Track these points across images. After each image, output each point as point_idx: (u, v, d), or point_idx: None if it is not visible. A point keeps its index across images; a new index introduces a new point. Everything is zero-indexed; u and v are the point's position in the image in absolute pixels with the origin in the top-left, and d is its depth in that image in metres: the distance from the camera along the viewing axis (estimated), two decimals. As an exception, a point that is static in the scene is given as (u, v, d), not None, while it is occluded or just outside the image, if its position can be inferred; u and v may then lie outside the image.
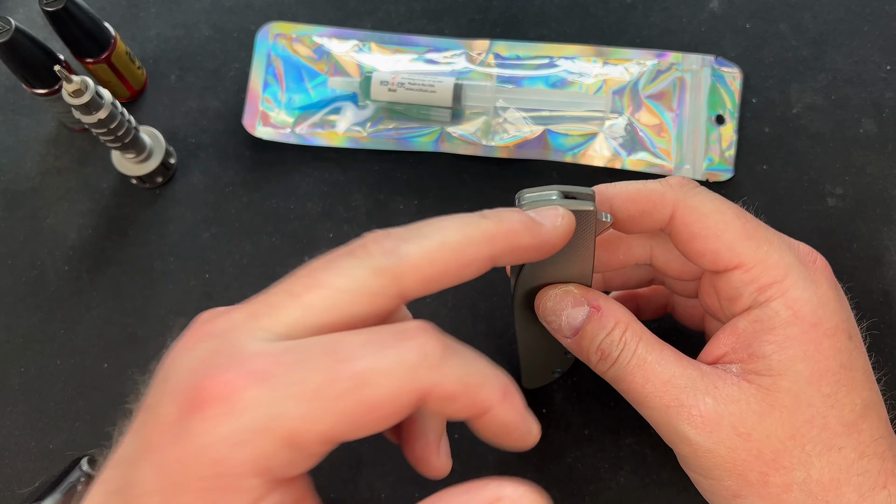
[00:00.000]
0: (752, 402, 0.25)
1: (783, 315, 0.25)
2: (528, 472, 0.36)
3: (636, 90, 0.41)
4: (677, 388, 0.25)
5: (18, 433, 0.37)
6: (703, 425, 0.25)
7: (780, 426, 0.24)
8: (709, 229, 0.26)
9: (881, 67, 0.42)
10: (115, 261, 0.40)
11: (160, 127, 0.42)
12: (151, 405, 0.20)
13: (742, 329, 0.26)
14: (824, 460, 0.24)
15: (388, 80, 0.40)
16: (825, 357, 0.25)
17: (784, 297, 0.25)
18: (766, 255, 0.25)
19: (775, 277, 0.25)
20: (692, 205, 0.26)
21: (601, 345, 0.26)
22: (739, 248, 0.25)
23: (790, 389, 0.24)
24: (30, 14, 0.45)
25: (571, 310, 0.27)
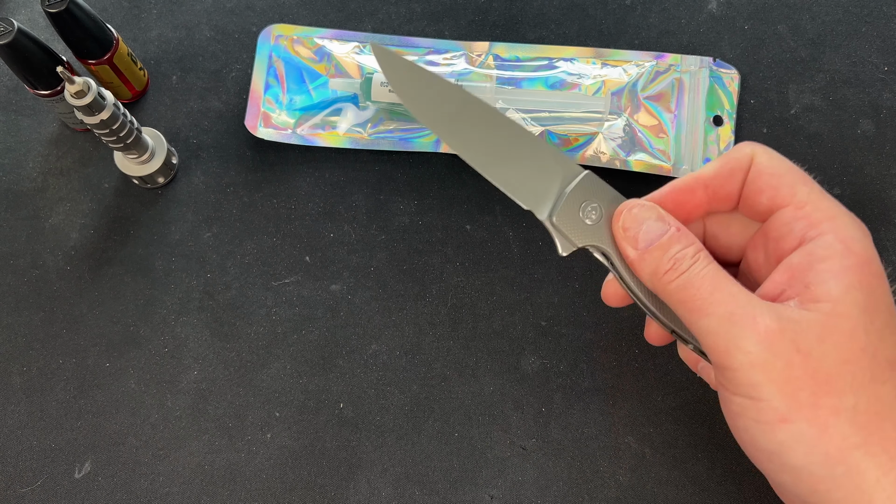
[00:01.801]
0: (812, 324, 0.25)
1: (837, 247, 0.26)
2: (528, 471, 0.36)
3: (635, 91, 0.41)
4: (744, 300, 0.26)
5: (20, 432, 0.37)
6: (766, 335, 0.25)
7: (836, 350, 0.25)
8: (774, 168, 0.28)
9: (879, 68, 0.43)
10: (117, 261, 0.40)
11: (162, 127, 0.42)
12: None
13: (797, 263, 0.27)
14: (871, 391, 0.25)
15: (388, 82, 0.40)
16: (874, 290, 0.26)
17: (836, 233, 0.26)
18: (818, 197, 0.27)
19: (827, 215, 0.27)
20: (760, 150, 0.29)
21: (677, 255, 0.27)
22: (797, 187, 0.27)
23: (848, 315, 0.25)
24: (32, 15, 0.45)
25: (654, 222, 0.28)
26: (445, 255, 0.40)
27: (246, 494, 0.36)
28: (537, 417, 0.37)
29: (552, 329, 0.39)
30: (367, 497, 0.36)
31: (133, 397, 0.38)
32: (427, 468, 0.37)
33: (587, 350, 0.38)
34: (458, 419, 0.37)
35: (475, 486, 0.36)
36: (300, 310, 0.39)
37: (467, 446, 0.37)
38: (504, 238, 0.40)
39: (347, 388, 0.38)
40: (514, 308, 0.39)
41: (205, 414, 0.38)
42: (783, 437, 0.25)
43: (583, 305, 0.39)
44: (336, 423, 0.37)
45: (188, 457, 0.37)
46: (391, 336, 0.39)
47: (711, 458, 0.36)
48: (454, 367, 0.38)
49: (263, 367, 0.38)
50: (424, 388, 0.38)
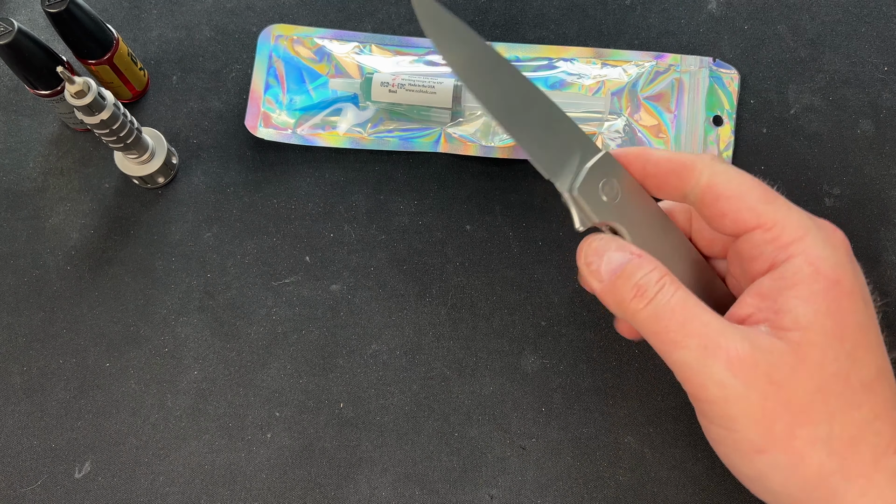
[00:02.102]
0: (784, 354, 0.25)
1: (806, 271, 0.25)
2: (528, 471, 0.36)
3: (635, 91, 0.41)
4: (716, 331, 0.25)
5: (20, 432, 0.37)
6: (740, 367, 0.25)
7: (809, 379, 0.25)
8: (732, 191, 0.27)
9: (878, 68, 0.43)
10: (117, 261, 0.40)
11: (162, 128, 0.42)
12: None
13: (766, 287, 0.26)
14: (846, 417, 0.25)
15: (388, 82, 0.40)
16: (846, 314, 0.25)
17: (805, 254, 0.26)
18: (785, 216, 0.26)
19: (795, 236, 0.26)
20: (719, 170, 0.27)
21: (639, 281, 0.27)
22: (760, 209, 0.26)
23: (818, 343, 0.25)
24: (32, 15, 0.45)
25: (613, 252, 0.28)
26: (445, 255, 0.40)
27: (246, 494, 0.36)
28: (537, 417, 0.37)
29: (552, 329, 0.39)
30: (367, 497, 0.36)
31: (133, 397, 0.38)
32: (427, 468, 0.37)
33: (587, 350, 0.38)
34: (458, 419, 0.37)
35: (475, 486, 0.36)
36: (300, 310, 0.39)
37: (467, 446, 0.37)
38: (504, 238, 0.40)
39: (347, 388, 0.38)
40: (514, 308, 0.39)
41: (205, 414, 0.38)
42: (761, 465, 0.25)
43: (583, 305, 0.39)
44: (336, 423, 0.37)
45: (188, 457, 0.37)
46: (391, 336, 0.39)
47: (711, 458, 0.36)
48: (454, 367, 0.38)
49: (263, 367, 0.38)
50: (424, 388, 0.38)
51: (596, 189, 0.29)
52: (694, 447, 0.37)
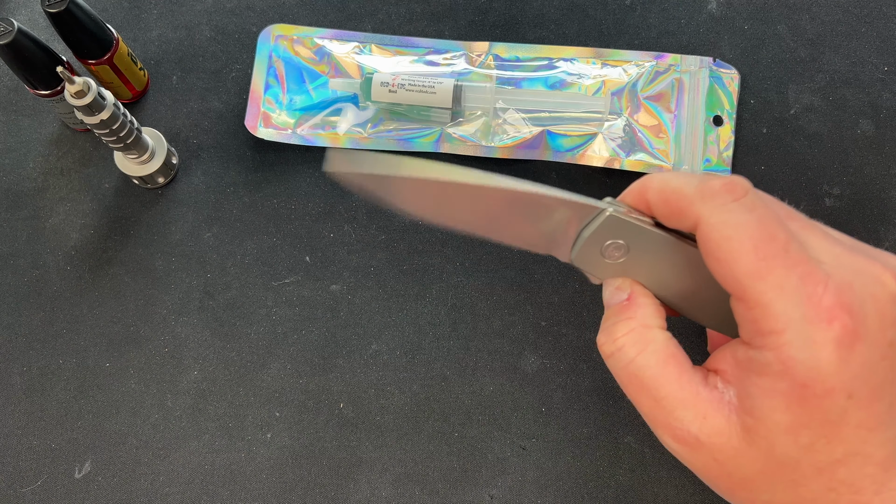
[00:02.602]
0: (733, 437, 0.25)
1: (774, 367, 0.24)
2: (527, 470, 0.36)
3: (635, 91, 0.41)
4: (665, 411, 0.26)
5: (20, 432, 0.37)
6: (685, 443, 0.26)
7: (751, 463, 0.25)
8: (723, 252, 0.24)
9: (878, 68, 0.43)
10: (117, 261, 0.40)
11: (162, 128, 0.42)
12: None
13: (739, 359, 0.25)
14: (790, 493, 0.25)
15: (388, 82, 0.40)
16: (808, 413, 0.24)
17: (778, 352, 0.24)
18: (769, 302, 0.23)
19: (773, 328, 0.24)
20: (713, 222, 0.24)
21: (610, 328, 0.27)
22: (746, 283, 0.24)
23: (766, 437, 0.24)
24: (32, 15, 0.45)
25: (614, 289, 0.28)
26: (445, 255, 0.40)
27: (246, 494, 0.36)
28: (537, 417, 0.37)
29: (552, 329, 0.39)
30: (367, 497, 0.36)
31: (133, 397, 0.38)
32: (427, 468, 0.37)
33: (587, 350, 0.38)
34: (458, 419, 0.37)
35: (475, 486, 0.36)
36: (300, 310, 0.39)
37: (467, 446, 0.37)
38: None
39: (347, 388, 0.38)
40: (514, 308, 0.39)
41: (205, 414, 0.38)
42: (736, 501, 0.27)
43: (583, 305, 0.39)
44: (336, 423, 0.37)
45: (188, 457, 0.37)
46: (391, 336, 0.39)
47: (711, 457, 0.36)
48: (454, 367, 0.38)
49: (263, 367, 0.38)
50: (424, 388, 0.38)
51: (597, 253, 0.27)
52: (694, 447, 0.37)
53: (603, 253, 0.27)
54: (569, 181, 0.41)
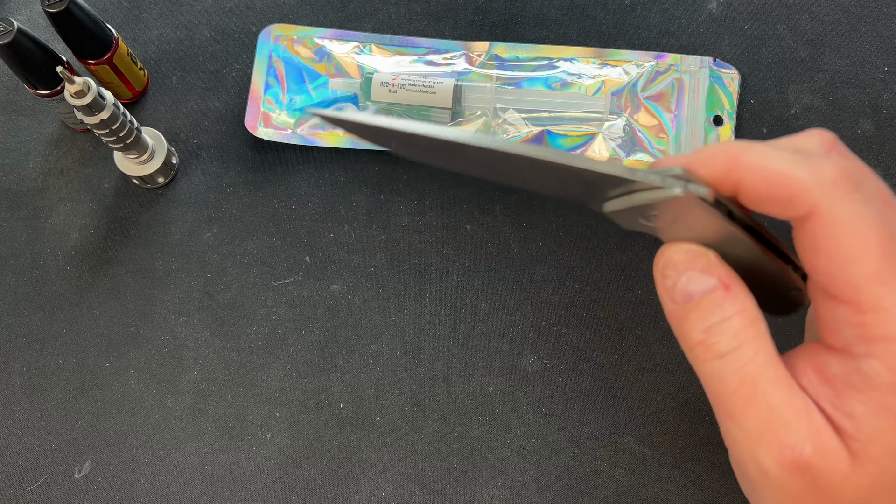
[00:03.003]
0: (841, 461, 0.22)
1: (885, 378, 0.21)
2: (527, 471, 0.36)
3: (635, 91, 0.41)
4: (780, 422, 0.22)
5: (20, 432, 0.37)
6: (790, 466, 0.22)
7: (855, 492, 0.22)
8: (838, 252, 0.21)
9: (879, 68, 0.43)
10: (117, 261, 0.40)
11: (162, 128, 0.42)
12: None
13: (832, 372, 0.22)
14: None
15: (388, 82, 0.40)
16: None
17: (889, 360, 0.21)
18: (889, 306, 0.21)
19: (888, 334, 0.21)
20: (834, 216, 0.21)
21: (712, 327, 0.22)
22: (863, 287, 0.21)
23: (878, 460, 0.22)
24: (32, 15, 0.45)
25: (697, 273, 0.23)
26: (445, 255, 0.40)
27: (246, 494, 0.36)
28: (537, 417, 0.37)
29: (552, 329, 0.39)
30: (367, 497, 0.36)
31: (133, 397, 0.38)
32: (427, 468, 0.37)
33: (587, 350, 0.38)
34: (458, 419, 0.37)
35: (475, 486, 0.36)
36: (300, 310, 0.39)
37: (467, 446, 0.37)
38: (504, 238, 0.40)
39: (347, 388, 0.38)
40: (514, 308, 0.39)
41: (205, 414, 0.38)
42: None
43: (583, 305, 0.39)
44: (336, 423, 0.37)
45: (188, 457, 0.37)
46: (391, 336, 0.39)
47: (711, 458, 0.36)
48: (454, 367, 0.38)
49: (263, 367, 0.38)
50: (424, 388, 0.38)
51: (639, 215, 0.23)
52: (694, 447, 0.37)
53: (646, 217, 0.23)
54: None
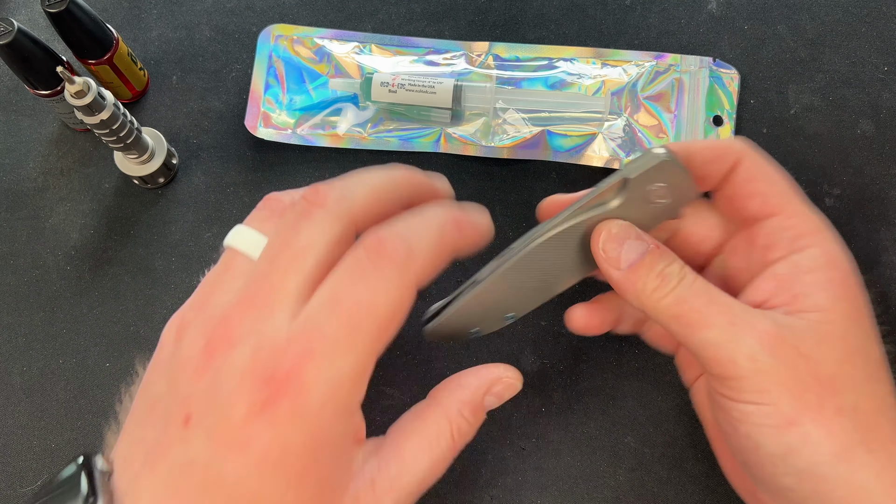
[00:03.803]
0: (807, 329, 0.26)
1: (822, 259, 0.27)
2: (527, 471, 0.36)
3: (634, 91, 0.41)
4: (740, 310, 0.26)
5: (20, 432, 0.37)
6: (769, 340, 0.26)
7: (833, 351, 0.26)
8: (767, 175, 0.29)
9: (878, 68, 0.43)
10: (117, 261, 0.40)
11: (162, 128, 0.42)
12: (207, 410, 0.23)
13: (782, 273, 0.28)
14: (868, 388, 0.26)
15: (388, 82, 0.40)
16: (857, 299, 0.27)
17: (822, 246, 0.27)
18: (806, 210, 0.28)
19: (812, 229, 0.28)
20: (756, 154, 0.29)
21: (663, 271, 0.27)
22: (787, 196, 0.29)
23: (838, 322, 0.26)
24: (32, 15, 0.45)
25: (634, 241, 0.28)
26: (445, 255, 0.40)
27: (246, 494, 0.36)
28: (537, 417, 0.37)
29: (552, 329, 0.39)
30: (367, 497, 0.36)
31: (133, 397, 0.38)
32: (427, 468, 0.37)
33: (587, 350, 0.38)
34: (458, 419, 0.37)
35: (475, 486, 0.36)
36: (300, 310, 0.39)
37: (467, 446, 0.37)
38: (504, 238, 0.40)
39: (347, 388, 0.38)
40: (514, 308, 0.39)
41: (205, 414, 0.38)
42: (790, 439, 0.25)
43: (583, 305, 0.39)
44: (336, 423, 0.37)
45: (188, 457, 0.37)
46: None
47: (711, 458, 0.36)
48: (454, 367, 0.38)
49: (263, 367, 0.38)
50: (424, 388, 0.38)
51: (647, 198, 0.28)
52: (694, 447, 0.37)
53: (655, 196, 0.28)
54: (569, 181, 0.41)
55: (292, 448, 0.23)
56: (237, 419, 0.23)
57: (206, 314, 0.26)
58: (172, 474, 0.23)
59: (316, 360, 0.23)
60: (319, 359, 0.23)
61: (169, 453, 0.23)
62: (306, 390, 0.23)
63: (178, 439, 0.23)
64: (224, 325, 0.25)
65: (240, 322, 0.24)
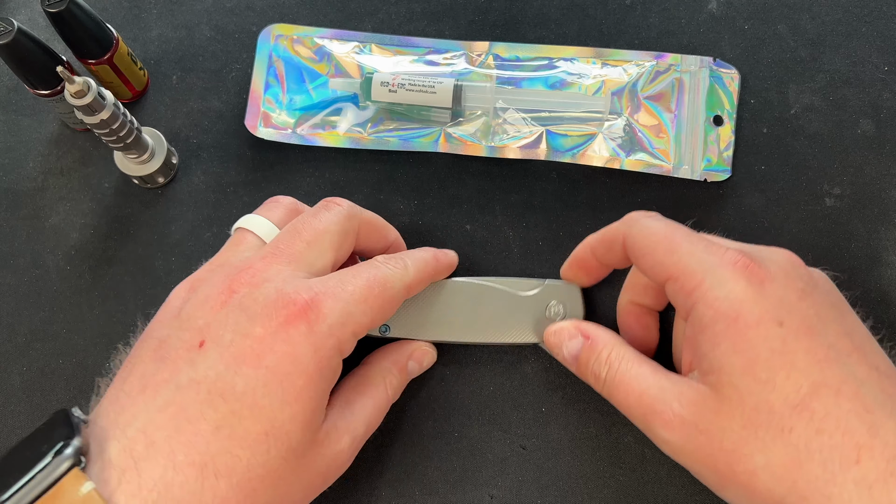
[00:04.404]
0: (707, 401, 0.27)
1: (707, 314, 0.27)
2: (527, 471, 0.36)
3: (635, 91, 0.41)
4: (651, 398, 0.29)
5: (20, 432, 0.37)
6: (672, 427, 0.28)
7: (731, 419, 0.26)
8: (644, 248, 0.30)
9: (879, 68, 0.43)
10: (117, 260, 0.40)
11: (162, 127, 0.42)
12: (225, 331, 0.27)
13: (689, 334, 0.29)
14: (779, 442, 0.25)
15: (388, 81, 0.40)
16: (752, 346, 0.26)
17: (704, 299, 0.28)
18: (685, 265, 0.28)
19: (694, 283, 0.28)
20: (633, 232, 0.31)
21: (592, 368, 0.31)
22: (665, 261, 0.29)
23: (730, 382, 0.26)
24: (32, 15, 0.45)
25: (569, 342, 0.33)
26: (445, 254, 0.40)
27: (246, 494, 0.36)
28: (537, 417, 0.37)
29: (552, 329, 0.39)
30: (366, 497, 0.36)
31: (133, 397, 0.38)
32: (427, 468, 0.37)
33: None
34: (458, 419, 0.37)
35: (475, 486, 0.36)
36: (300, 310, 0.39)
37: (467, 446, 0.37)
38: (504, 238, 0.40)
39: (347, 388, 0.38)
40: (514, 308, 0.39)
41: (205, 414, 0.38)
42: (728, 497, 0.28)
43: (583, 305, 0.39)
44: (336, 423, 0.37)
45: (188, 457, 0.37)
46: (391, 336, 0.39)
47: (711, 457, 0.36)
48: (454, 366, 0.38)
49: (263, 367, 0.38)
50: (424, 388, 0.38)
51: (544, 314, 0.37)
52: (694, 447, 0.37)
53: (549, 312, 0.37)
54: (569, 181, 0.41)
55: (300, 365, 0.26)
56: (254, 337, 0.26)
57: (225, 269, 0.29)
58: (177, 392, 0.25)
59: (335, 298, 0.28)
60: (338, 299, 0.28)
61: (175, 376, 0.25)
62: (321, 319, 0.27)
63: (187, 361, 0.26)
64: (248, 270, 0.28)
65: (263, 269, 0.28)
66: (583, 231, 0.36)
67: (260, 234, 0.32)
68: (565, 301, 0.37)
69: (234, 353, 0.26)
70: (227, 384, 0.25)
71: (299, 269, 0.29)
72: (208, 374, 0.25)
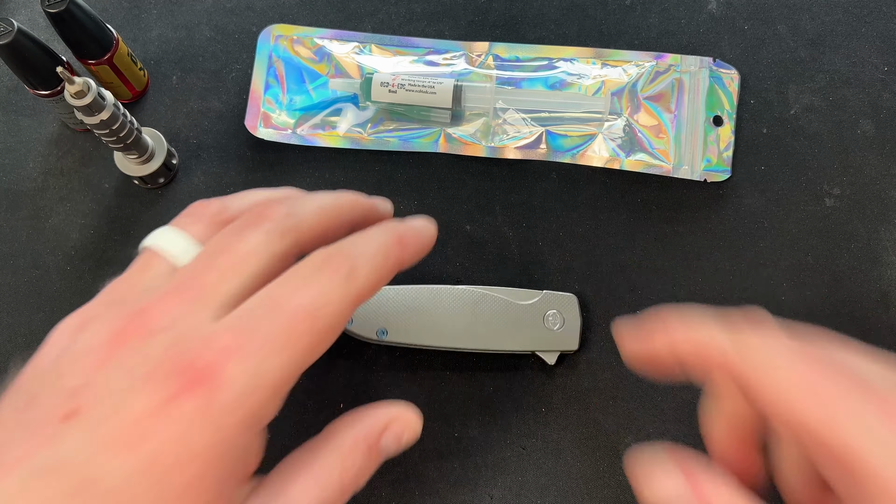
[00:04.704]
0: None
1: None
2: (527, 471, 0.36)
3: (635, 91, 0.41)
4: None
5: (21, 432, 0.37)
6: None
7: None
8: (771, 398, 0.21)
9: (879, 68, 0.43)
10: (117, 261, 0.40)
11: (162, 128, 0.42)
12: (103, 399, 0.21)
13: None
14: None
15: (388, 82, 0.40)
16: None
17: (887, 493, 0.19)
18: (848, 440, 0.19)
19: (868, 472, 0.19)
20: (750, 370, 0.21)
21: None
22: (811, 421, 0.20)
23: None
24: (32, 15, 0.45)
25: (664, 481, 0.23)
26: (445, 255, 0.40)
27: (246, 494, 0.36)
28: (537, 417, 0.37)
29: (552, 329, 0.39)
30: (366, 497, 0.36)
31: (133, 397, 0.38)
32: (427, 468, 0.37)
33: (587, 350, 0.38)
34: (458, 419, 0.37)
35: (475, 486, 0.36)
36: (300, 310, 0.39)
37: (467, 446, 0.37)
38: (504, 238, 0.40)
39: (347, 388, 0.38)
40: (514, 308, 0.39)
41: (205, 414, 0.38)
42: None
43: (582, 306, 0.39)
44: (336, 423, 0.37)
45: (188, 457, 0.37)
46: (391, 336, 0.39)
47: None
48: (454, 366, 0.38)
49: (263, 367, 0.38)
50: (424, 389, 0.38)
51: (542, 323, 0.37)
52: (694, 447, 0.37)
53: (545, 321, 0.37)
54: (569, 181, 0.41)
55: (190, 453, 0.20)
56: (135, 413, 0.20)
57: (118, 308, 0.23)
58: (34, 477, 0.20)
59: (242, 356, 0.21)
60: (246, 356, 0.21)
61: (36, 454, 0.20)
62: (222, 387, 0.20)
63: (50, 437, 0.20)
64: (141, 315, 0.22)
65: (161, 314, 0.22)
66: (583, 231, 0.36)
67: (171, 257, 0.25)
68: (563, 311, 0.37)
69: (110, 432, 0.20)
70: (94, 475, 0.19)
71: (208, 307, 0.22)
72: (74, 457, 0.20)
